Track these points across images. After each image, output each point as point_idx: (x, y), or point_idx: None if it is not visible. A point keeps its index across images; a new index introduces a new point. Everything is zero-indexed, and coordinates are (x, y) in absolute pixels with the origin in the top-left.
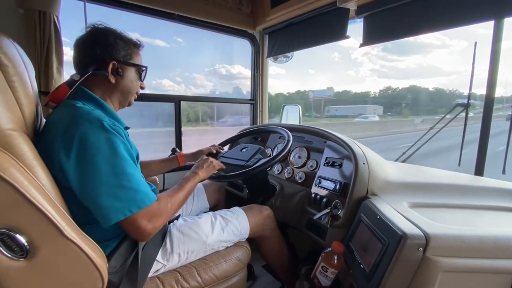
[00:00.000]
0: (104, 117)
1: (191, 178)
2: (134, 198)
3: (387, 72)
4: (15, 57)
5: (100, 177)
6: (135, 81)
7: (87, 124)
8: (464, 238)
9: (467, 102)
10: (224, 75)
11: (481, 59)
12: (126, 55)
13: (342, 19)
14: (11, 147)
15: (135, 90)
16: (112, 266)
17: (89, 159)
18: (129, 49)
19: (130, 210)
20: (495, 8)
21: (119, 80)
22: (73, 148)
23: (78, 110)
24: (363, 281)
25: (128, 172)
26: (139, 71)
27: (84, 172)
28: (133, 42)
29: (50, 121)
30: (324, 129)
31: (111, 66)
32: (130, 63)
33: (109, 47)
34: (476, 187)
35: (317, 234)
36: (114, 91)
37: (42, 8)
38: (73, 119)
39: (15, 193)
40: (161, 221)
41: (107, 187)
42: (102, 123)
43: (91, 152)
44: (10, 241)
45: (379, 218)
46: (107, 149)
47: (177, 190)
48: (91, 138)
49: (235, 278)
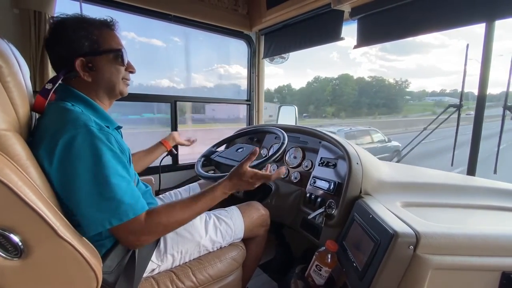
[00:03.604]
0: (91, 121)
1: (214, 195)
2: (115, 209)
3: (386, 72)
4: (9, 57)
5: (81, 187)
6: (115, 68)
7: (72, 130)
8: (454, 236)
9: (460, 103)
10: (222, 75)
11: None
12: (92, 44)
13: (337, 21)
14: (5, 147)
15: (119, 78)
16: (108, 265)
17: (71, 168)
18: (94, 35)
19: (110, 222)
20: (486, 11)
21: (95, 75)
22: (56, 155)
23: (66, 114)
24: (356, 279)
25: (111, 182)
26: (116, 55)
27: (66, 180)
28: (98, 24)
29: (40, 124)
30: (319, 130)
31: (79, 64)
32: (99, 51)
33: (70, 43)
34: (468, 186)
35: (312, 234)
36: (96, 88)
37: (37, 8)
38: (60, 124)
39: (10, 193)
40: (148, 237)
41: (89, 196)
42: (89, 129)
43: (73, 160)
44: (5, 241)
45: (372, 217)
46: (90, 157)
47: (185, 206)
48: (75, 145)
49: (230, 277)
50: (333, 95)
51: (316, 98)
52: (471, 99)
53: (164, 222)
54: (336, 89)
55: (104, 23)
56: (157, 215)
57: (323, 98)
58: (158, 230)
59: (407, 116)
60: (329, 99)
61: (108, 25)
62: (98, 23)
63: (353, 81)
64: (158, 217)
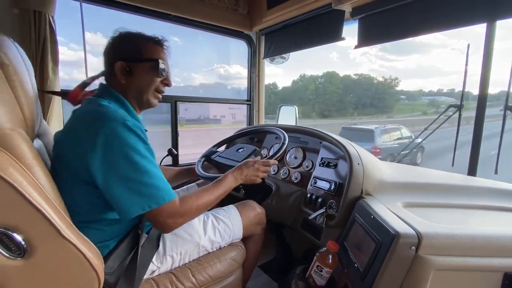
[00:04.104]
0: (127, 116)
1: (227, 180)
2: (154, 194)
3: (386, 72)
4: (15, 57)
5: (123, 173)
6: (149, 78)
7: (112, 122)
8: (456, 237)
9: (460, 103)
10: (222, 75)
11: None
12: (136, 53)
13: (338, 21)
14: (10, 146)
15: (150, 87)
16: (109, 266)
17: (114, 155)
18: (141, 46)
19: (149, 206)
20: (487, 12)
21: (130, 79)
22: (99, 144)
23: (103, 108)
24: (357, 280)
25: (149, 170)
26: (154, 66)
27: (109, 167)
28: (147, 39)
29: (77, 117)
30: (319, 130)
31: (118, 66)
32: (139, 59)
33: (118, 48)
34: (469, 187)
35: (313, 234)
36: (129, 91)
37: (37, 8)
38: (99, 116)
39: (14, 192)
40: (182, 219)
41: (130, 182)
42: (125, 122)
43: (115, 148)
44: (8, 241)
45: (373, 218)
46: (128, 146)
47: (207, 192)
48: (116, 135)
49: (230, 278)
50: (316, 94)
51: (299, 97)
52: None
53: (196, 204)
54: (320, 87)
55: (153, 38)
56: (189, 199)
57: (306, 97)
58: (192, 211)
59: (393, 117)
60: (311, 98)
61: (156, 41)
62: (146, 37)
63: (338, 79)
64: (190, 200)
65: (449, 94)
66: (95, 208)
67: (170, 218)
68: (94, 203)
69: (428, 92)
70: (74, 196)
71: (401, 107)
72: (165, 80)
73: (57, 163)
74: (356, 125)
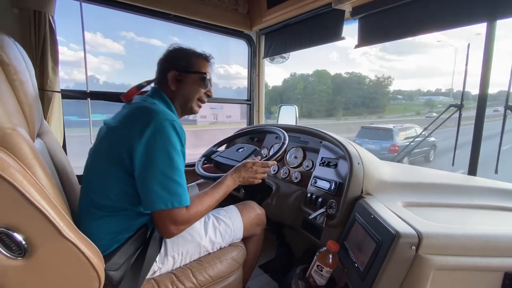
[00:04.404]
0: (177, 118)
1: (226, 183)
2: (180, 193)
3: (386, 72)
4: (16, 56)
5: (160, 166)
6: (196, 88)
7: (163, 119)
8: (456, 237)
9: (461, 102)
10: (222, 75)
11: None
12: (187, 65)
13: (338, 20)
14: (11, 146)
15: (195, 96)
16: (115, 263)
17: (156, 147)
18: (192, 60)
19: (172, 203)
20: (487, 11)
21: (179, 87)
22: (146, 134)
23: (157, 106)
24: (357, 279)
25: (181, 170)
26: (201, 78)
27: (149, 157)
28: (198, 55)
29: (132, 109)
30: (319, 130)
31: (171, 75)
32: (190, 71)
33: (172, 60)
34: (469, 186)
35: (313, 234)
36: (176, 97)
37: (37, 7)
38: (153, 111)
39: (14, 192)
40: (187, 226)
41: (162, 175)
42: (174, 122)
43: (160, 142)
44: (9, 240)
45: (373, 217)
46: (172, 144)
47: (208, 196)
48: (163, 131)
49: (231, 278)
50: (304, 93)
51: (287, 97)
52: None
53: (200, 210)
54: (308, 86)
55: (202, 54)
56: (194, 205)
57: (294, 96)
58: (196, 218)
59: (383, 117)
60: (299, 98)
61: (204, 57)
62: (197, 53)
63: (327, 78)
64: (195, 206)
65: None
66: (123, 197)
67: (174, 224)
68: (125, 191)
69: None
70: (108, 180)
71: (394, 107)
72: (208, 92)
73: (100, 147)
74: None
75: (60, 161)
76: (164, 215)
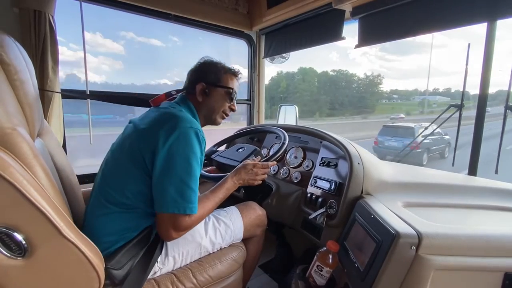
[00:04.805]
0: (200, 127)
1: (226, 186)
2: (193, 201)
3: (386, 72)
4: (16, 56)
5: (179, 170)
6: (222, 101)
7: (188, 126)
8: (456, 237)
9: (461, 102)
10: None
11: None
12: (216, 79)
13: (338, 20)
14: (11, 146)
15: (220, 109)
16: (119, 261)
17: (179, 153)
18: (221, 75)
19: (184, 209)
20: (488, 11)
21: (206, 99)
22: (171, 139)
23: (184, 114)
24: (357, 280)
25: (197, 177)
26: (227, 92)
27: (170, 161)
28: (227, 68)
29: (160, 113)
30: (320, 130)
31: (200, 87)
32: (217, 85)
33: (202, 72)
34: (470, 186)
35: (313, 234)
36: (202, 108)
37: (37, 7)
38: (180, 118)
39: (15, 192)
40: (186, 231)
41: (180, 181)
42: (198, 131)
43: (182, 147)
44: (9, 240)
45: (373, 218)
46: (193, 151)
47: (208, 200)
48: (187, 137)
49: (231, 278)
50: (287, 92)
51: (271, 96)
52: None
53: (201, 215)
54: (291, 85)
55: (231, 69)
56: (197, 210)
57: (277, 95)
58: (196, 223)
59: (367, 118)
60: (282, 97)
61: (233, 73)
62: (227, 68)
63: (314, 76)
64: (198, 211)
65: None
66: (138, 195)
67: (177, 230)
68: (141, 190)
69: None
70: (127, 177)
71: (385, 107)
72: (232, 105)
73: (124, 144)
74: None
75: (60, 161)
76: (171, 218)
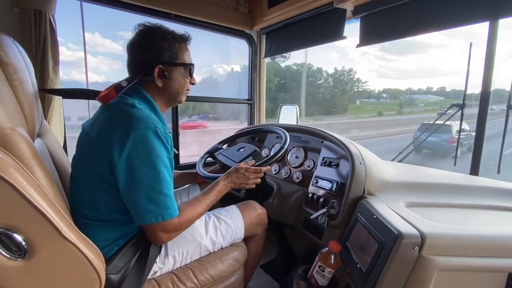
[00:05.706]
0: (159, 123)
1: (218, 188)
2: (169, 206)
3: (386, 72)
4: (15, 56)
5: (145, 179)
6: (183, 80)
7: (143, 128)
8: (459, 237)
9: (463, 102)
10: (222, 75)
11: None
12: (171, 56)
13: (339, 19)
14: (10, 146)
15: (183, 88)
16: (115, 266)
17: (140, 161)
18: (174, 48)
19: (162, 216)
20: (490, 10)
21: (166, 82)
22: (127, 147)
23: (137, 111)
24: (359, 280)
25: (168, 181)
26: (187, 68)
27: (132, 172)
28: (178, 38)
29: (110, 116)
30: (321, 129)
31: (157, 70)
32: (176, 63)
33: (154, 50)
34: (472, 186)
35: (314, 234)
36: (163, 94)
37: (38, 7)
38: (133, 119)
39: (14, 192)
40: (178, 233)
41: (149, 190)
42: (157, 130)
43: (143, 154)
44: (9, 241)
45: (376, 218)
46: (156, 155)
47: (200, 202)
48: (145, 142)
49: (232, 278)
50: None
51: None
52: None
53: (191, 217)
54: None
55: (182, 37)
56: (185, 213)
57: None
58: (187, 225)
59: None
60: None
61: (184, 40)
62: (178, 36)
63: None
64: (186, 214)
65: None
66: (113, 207)
67: (166, 233)
68: (113, 202)
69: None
70: (95, 192)
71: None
72: (192, 80)
73: (81, 157)
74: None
75: (60, 161)
76: (155, 227)
